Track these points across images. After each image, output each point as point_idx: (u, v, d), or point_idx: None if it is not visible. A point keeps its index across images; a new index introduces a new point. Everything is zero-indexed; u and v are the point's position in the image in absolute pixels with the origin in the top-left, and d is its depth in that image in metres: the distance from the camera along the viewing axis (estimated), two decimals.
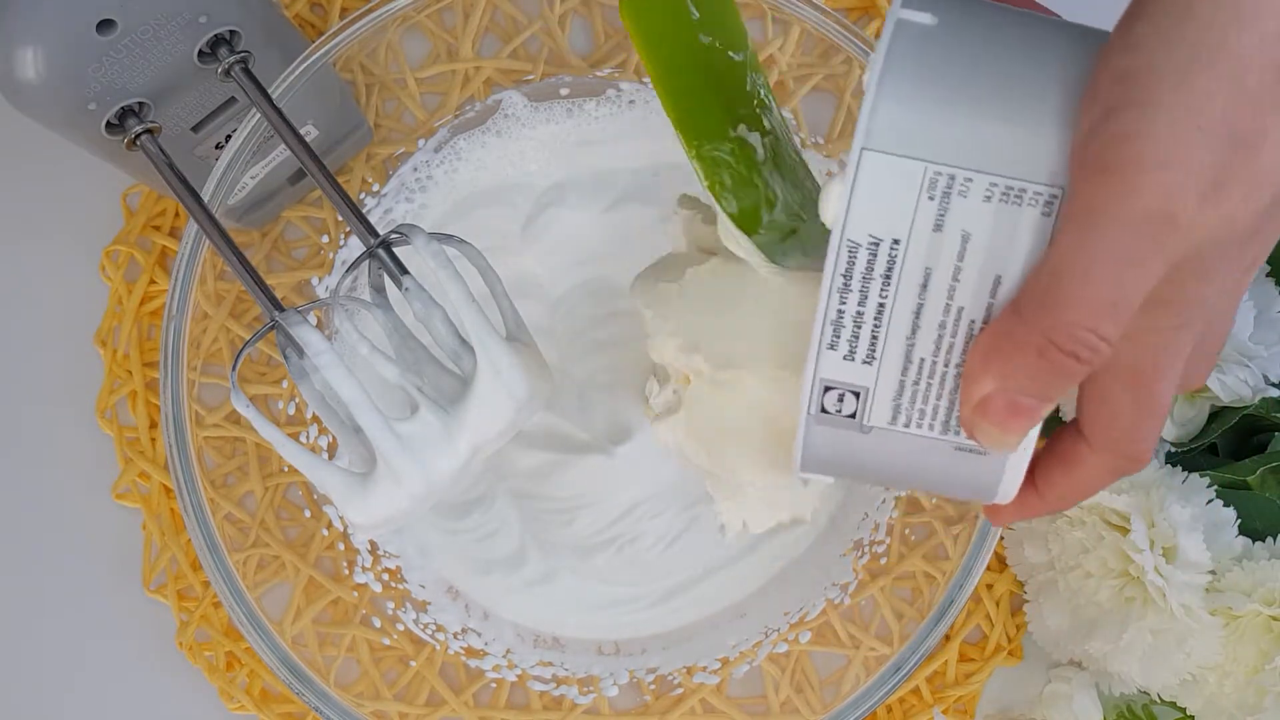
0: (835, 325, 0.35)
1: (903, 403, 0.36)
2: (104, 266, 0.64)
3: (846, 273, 0.35)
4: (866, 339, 0.35)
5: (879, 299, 0.35)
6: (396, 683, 0.60)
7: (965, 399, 0.35)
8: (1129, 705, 0.60)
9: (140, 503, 0.63)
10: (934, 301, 0.35)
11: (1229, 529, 0.57)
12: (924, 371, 0.36)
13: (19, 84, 0.45)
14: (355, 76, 0.61)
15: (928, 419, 0.37)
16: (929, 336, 0.35)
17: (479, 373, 0.45)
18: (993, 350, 0.34)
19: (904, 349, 0.35)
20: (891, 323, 0.35)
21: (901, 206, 0.34)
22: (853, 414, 0.37)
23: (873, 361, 0.36)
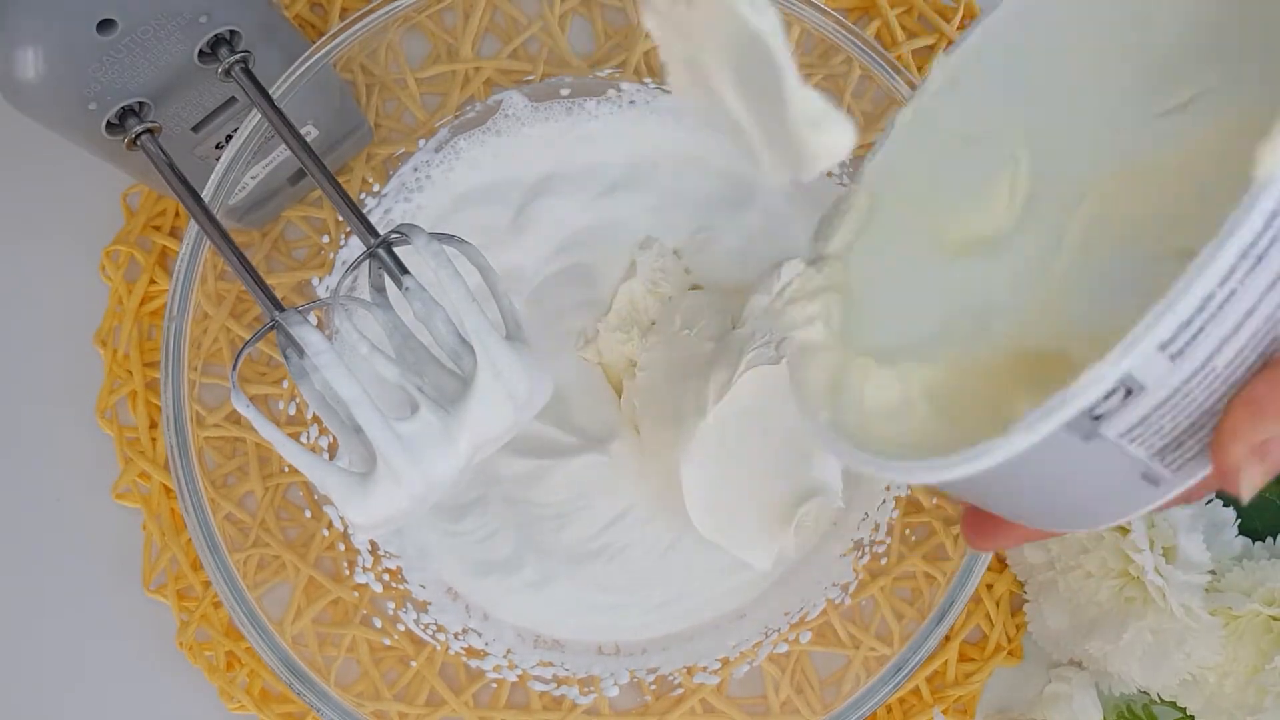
0: (1201, 304, 0.27)
1: (1157, 413, 0.29)
2: (104, 266, 0.64)
3: (1245, 246, 0.26)
4: (1194, 329, 0.27)
5: (1235, 285, 0.27)
6: (397, 683, 0.60)
7: (1242, 433, 0.29)
8: (1129, 705, 0.60)
9: (140, 503, 0.63)
10: (1269, 303, 0.27)
11: (1229, 529, 0.57)
12: (1203, 382, 0.28)
13: (19, 84, 0.45)
14: (355, 77, 0.61)
15: (1159, 437, 0.30)
16: (1238, 344, 0.28)
17: (479, 373, 0.45)
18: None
19: (1209, 352, 0.28)
20: (1222, 316, 0.27)
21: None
22: (1100, 416, 0.28)
23: (1178, 358, 0.27)
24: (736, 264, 0.62)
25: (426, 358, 0.48)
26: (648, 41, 0.63)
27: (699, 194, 0.63)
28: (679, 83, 0.33)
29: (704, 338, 0.58)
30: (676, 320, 0.60)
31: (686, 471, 0.56)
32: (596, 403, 0.62)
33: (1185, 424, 0.30)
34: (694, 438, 0.56)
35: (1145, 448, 0.30)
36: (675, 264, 0.62)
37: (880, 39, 0.65)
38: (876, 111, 0.61)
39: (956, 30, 0.64)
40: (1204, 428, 0.30)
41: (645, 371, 0.60)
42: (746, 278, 0.62)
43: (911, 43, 0.64)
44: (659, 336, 0.60)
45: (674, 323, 0.60)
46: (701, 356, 0.58)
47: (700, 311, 0.60)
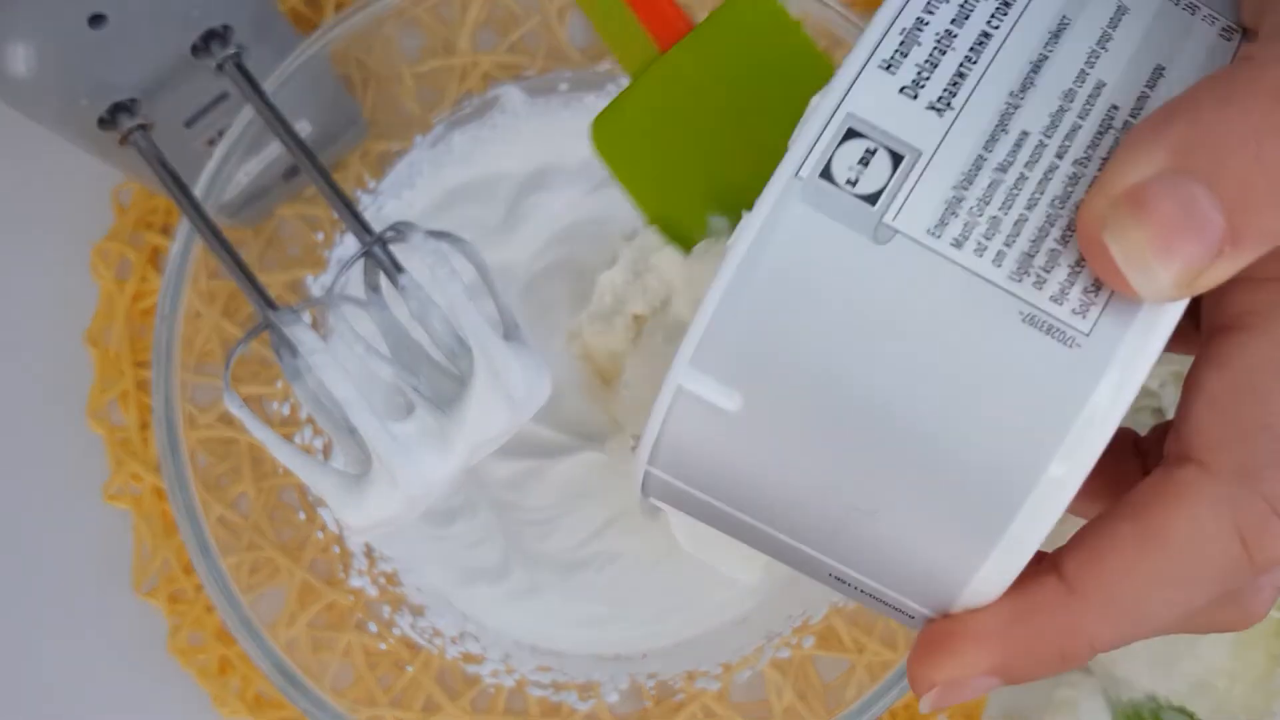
0: (906, 35, 0.23)
1: (968, 197, 0.23)
2: (95, 264, 0.64)
3: None
4: (948, 71, 0.23)
5: (984, 25, 0.23)
6: (392, 688, 0.60)
7: (1107, 186, 0.22)
8: (1137, 710, 0.60)
9: (131, 504, 0.63)
10: (1065, 59, 0.24)
11: None
12: (1021, 152, 0.23)
13: (9, 79, 0.45)
14: (350, 71, 0.61)
15: (997, 241, 0.23)
16: (1044, 102, 0.23)
17: (476, 373, 0.44)
18: (1178, 116, 0.22)
19: (999, 108, 0.23)
20: (994, 63, 0.23)
21: None
22: (874, 194, 0.22)
23: (944, 110, 0.23)
24: None
25: (422, 357, 0.47)
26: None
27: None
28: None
29: None
30: (659, 335, 0.59)
31: None
32: (589, 399, 0.62)
33: (1038, 220, 0.23)
34: None
35: (990, 259, 0.22)
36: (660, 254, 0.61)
37: None
38: None
39: None
40: (1069, 225, 0.23)
41: (628, 389, 0.60)
42: None
43: None
44: (643, 353, 0.60)
45: (657, 338, 0.59)
46: None
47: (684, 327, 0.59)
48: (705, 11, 0.37)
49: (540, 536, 0.61)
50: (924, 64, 0.23)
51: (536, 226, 0.62)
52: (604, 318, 0.60)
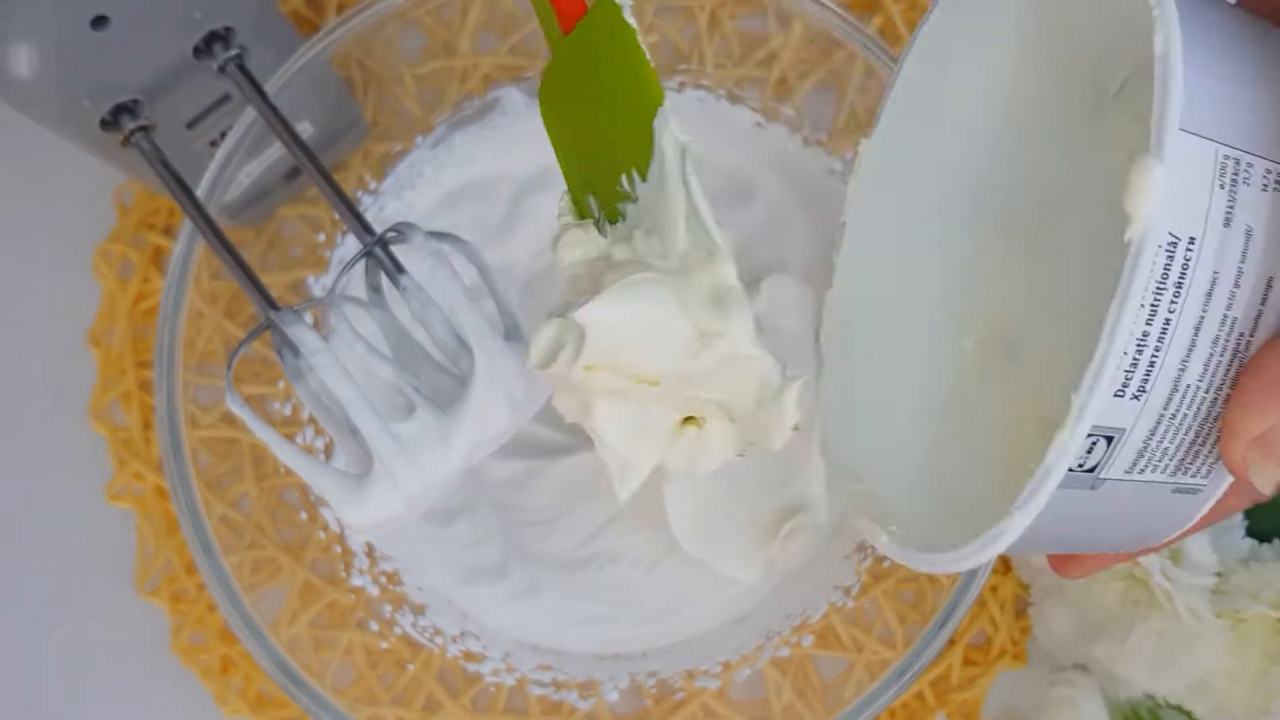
0: (1133, 348, 0.28)
1: (1151, 443, 0.30)
2: (97, 265, 0.64)
3: (1154, 285, 0.28)
4: (1144, 367, 0.29)
5: (1166, 315, 0.28)
6: (393, 686, 0.60)
7: (1237, 432, 0.30)
8: (1135, 709, 0.60)
9: (134, 504, 0.63)
10: (1214, 313, 0.29)
11: (1235, 531, 0.56)
12: (1185, 401, 0.30)
13: (12, 80, 0.45)
14: (352, 73, 0.61)
15: (1166, 459, 0.31)
16: (1200, 358, 0.29)
17: (476, 373, 0.45)
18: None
19: (1174, 376, 0.29)
20: (1173, 343, 0.29)
21: (1198, 197, 0.28)
22: (1094, 467, 0.30)
23: (1141, 396, 0.29)
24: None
25: (423, 358, 0.47)
26: (648, 37, 0.62)
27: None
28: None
29: None
30: None
31: (670, 490, 0.56)
32: None
33: (1189, 439, 0.31)
34: None
35: (1160, 472, 0.31)
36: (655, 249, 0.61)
37: (883, 33, 0.64)
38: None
39: None
40: (1212, 432, 0.31)
41: None
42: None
43: None
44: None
45: None
46: None
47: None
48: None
49: (540, 536, 0.61)
50: (1130, 368, 0.29)
51: (536, 227, 0.62)
52: None
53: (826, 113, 0.62)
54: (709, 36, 0.62)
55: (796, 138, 0.62)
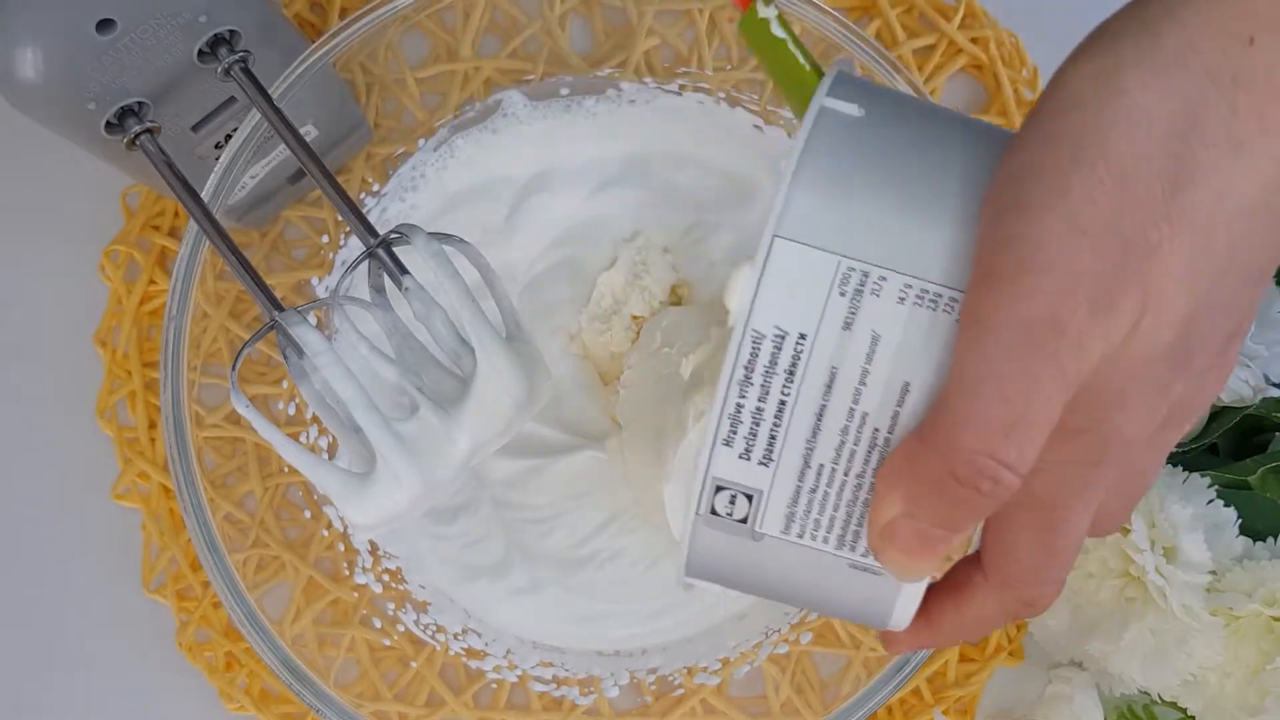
0: (733, 420, 0.33)
1: (797, 510, 0.34)
2: (103, 266, 0.64)
3: (749, 365, 0.32)
4: (764, 438, 0.33)
5: (780, 396, 0.33)
6: (396, 683, 0.60)
7: (873, 520, 0.33)
8: (1130, 706, 0.60)
9: (140, 503, 0.63)
10: (838, 404, 0.33)
11: (1230, 529, 0.56)
12: (822, 479, 0.33)
13: (18, 84, 0.45)
14: (355, 76, 0.61)
15: (823, 530, 0.34)
16: (830, 442, 0.33)
17: (479, 373, 0.45)
18: (898, 473, 0.32)
19: (803, 452, 0.33)
20: (792, 423, 0.33)
21: (811, 300, 0.32)
22: (744, 519, 0.34)
23: (769, 463, 0.33)
24: (729, 264, 0.62)
25: (426, 358, 0.48)
26: (648, 40, 0.63)
27: (696, 192, 0.63)
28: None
29: (685, 355, 0.58)
30: (657, 338, 0.60)
31: (669, 489, 0.56)
32: (589, 399, 0.62)
33: (841, 517, 0.34)
34: (675, 456, 0.56)
35: (822, 542, 0.35)
36: (659, 257, 0.62)
37: (881, 39, 0.65)
38: None
39: (957, 29, 0.64)
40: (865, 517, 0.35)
41: (627, 389, 0.60)
42: None
43: (912, 42, 0.64)
44: (641, 354, 0.60)
45: (655, 341, 0.60)
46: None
47: (681, 329, 0.59)
48: None
49: (541, 534, 0.61)
50: (748, 436, 0.33)
51: (537, 229, 0.62)
52: (603, 318, 0.61)
53: None
54: (708, 40, 0.63)
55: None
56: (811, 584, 0.36)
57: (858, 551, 0.34)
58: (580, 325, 0.61)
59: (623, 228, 0.62)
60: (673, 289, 0.62)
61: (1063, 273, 0.29)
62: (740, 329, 0.32)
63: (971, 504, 0.31)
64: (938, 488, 0.31)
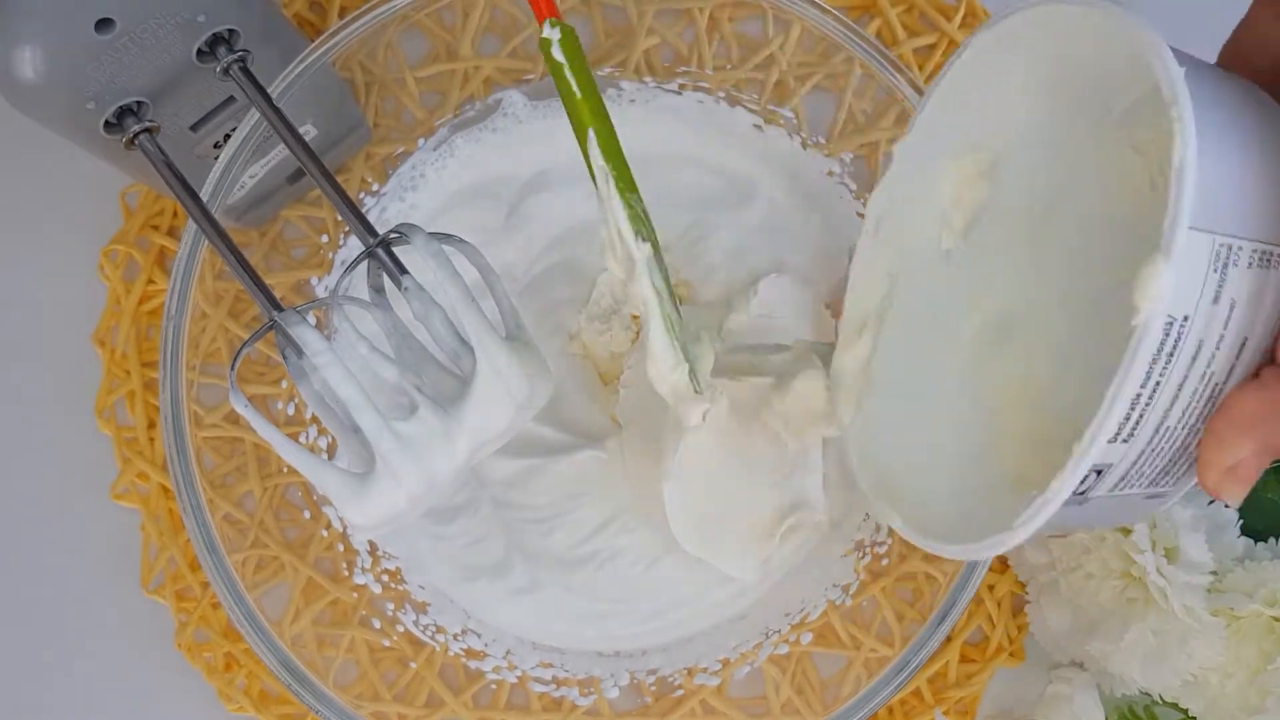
0: (1125, 414, 0.33)
1: (1132, 472, 0.35)
2: (102, 266, 0.64)
3: (1148, 368, 0.32)
4: (1133, 419, 0.33)
5: (1157, 378, 0.33)
6: (396, 684, 0.60)
7: (1214, 462, 0.35)
8: (1130, 706, 0.60)
9: (138, 503, 0.63)
10: (1197, 372, 0.33)
11: (1231, 530, 0.57)
12: (1163, 438, 0.34)
13: (17, 83, 0.45)
14: (354, 75, 0.61)
15: (1144, 481, 0.35)
16: (1181, 406, 0.34)
17: (478, 373, 0.45)
18: (1251, 420, 0.34)
19: (1158, 422, 0.34)
20: (1157, 399, 0.33)
21: (1193, 282, 0.32)
22: (1084, 492, 0.35)
23: (1130, 440, 0.34)
24: (729, 263, 0.62)
25: (425, 358, 0.48)
26: (648, 40, 0.63)
27: (696, 191, 0.63)
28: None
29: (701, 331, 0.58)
30: None
31: (669, 489, 0.56)
32: (589, 399, 0.62)
33: (1165, 463, 0.35)
34: (675, 457, 0.56)
35: (1137, 489, 0.36)
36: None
37: (881, 37, 0.65)
38: (877, 110, 0.61)
39: (959, 30, 0.64)
40: (1185, 451, 0.36)
41: (627, 389, 0.60)
42: (736, 278, 0.61)
43: (912, 41, 0.64)
44: (641, 354, 0.60)
45: None
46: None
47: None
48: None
49: (541, 534, 0.61)
50: (1122, 421, 0.33)
51: (537, 228, 0.62)
52: (603, 318, 0.61)
53: (825, 115, 0.62)
54: (708, 39, 0.63)
55: (795, 140, 0.62)
56: (1101, 519, 0.37)
57: (1160, 485, 0.36)
58: (580, 325, 0.61)
59: None
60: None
61: None
62: (1153, 331, 0.32)
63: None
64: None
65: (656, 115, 0.63)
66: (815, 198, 0.62)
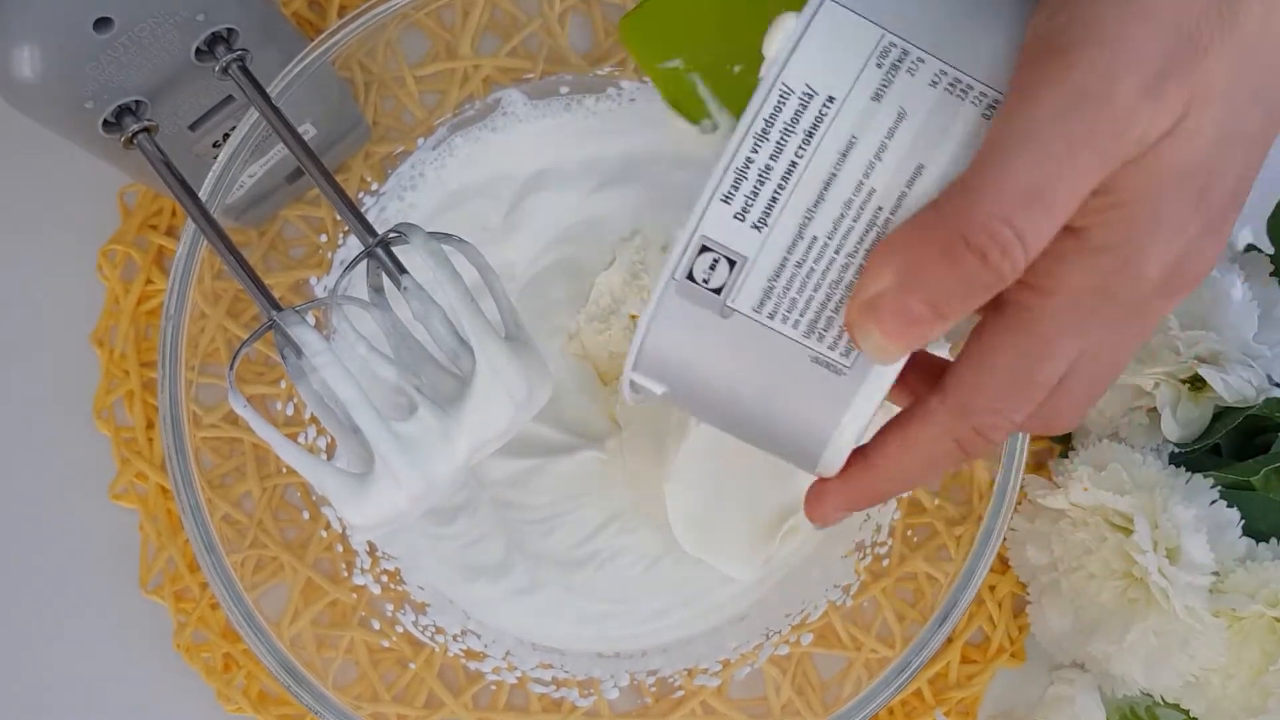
0: (738, 175, 0.32)
1: (777, 286, 0.32)
2: (101, 266, 0.64)
3: (770, 118, 0.32)
4: (765, 199, 0.32)
5: (792, 157, 0.32)
6: (395, 684, 0.60)
7: (858, 293, 0.32)
8: (1132, 707, 0.60)
9: (137, 503, 0.63)
10: (848, 175, 0.32)
11: (1232, 530, 0.56)
12: (811, 253, 0.32)
13: (16, 82, 0.45)
14: (354, 75, 0.61)
15: (796, 313, 0.33)
16: (830, 214, 0.32)
17: (478, 373, 0.45)
18: (898, 244, 0.31)
19: (800, 221, 0.32)
20: (798, 187, 0.32)
21: (847, 65, 0.32)
22: (719, 288, 0.33)
23: (762, 228, 0.32)
24: None
25: (425, 357, 0.47)
26: None
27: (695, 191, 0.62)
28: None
29: None
30: None
31: (670, 490, 0.56)
32: (588, 399, 0.62)
33: (819, 298, 0.33)
34: (676, 458, 0.55)
35: (791, 326, 0.33)
36: (658, 256, 0.62)
37: None
38: None
39: None
40: (844, 301, 0.33)
41: None
42: None
43: None
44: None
45: None
46: None
47: None
48: None
49: (541, 535, 0.61)
50: (749, 195, 0.32)
51: (537, 228, 0.62)
52: (602, 318, 0.61)
53: None
54: None
55: None
56: (763, 379, 0.34)
57: (825, 342, 0.33)
58: (579, 325, 0.61)
59: (622, 227, 0.62)
60: None
61: (1118, 49, 0.29)
62: (770, 79, 0.32)
63: (971, 278, 0.30)
64: (942, 256, 0.30)
65: (656, 114, 0.62)
66: None
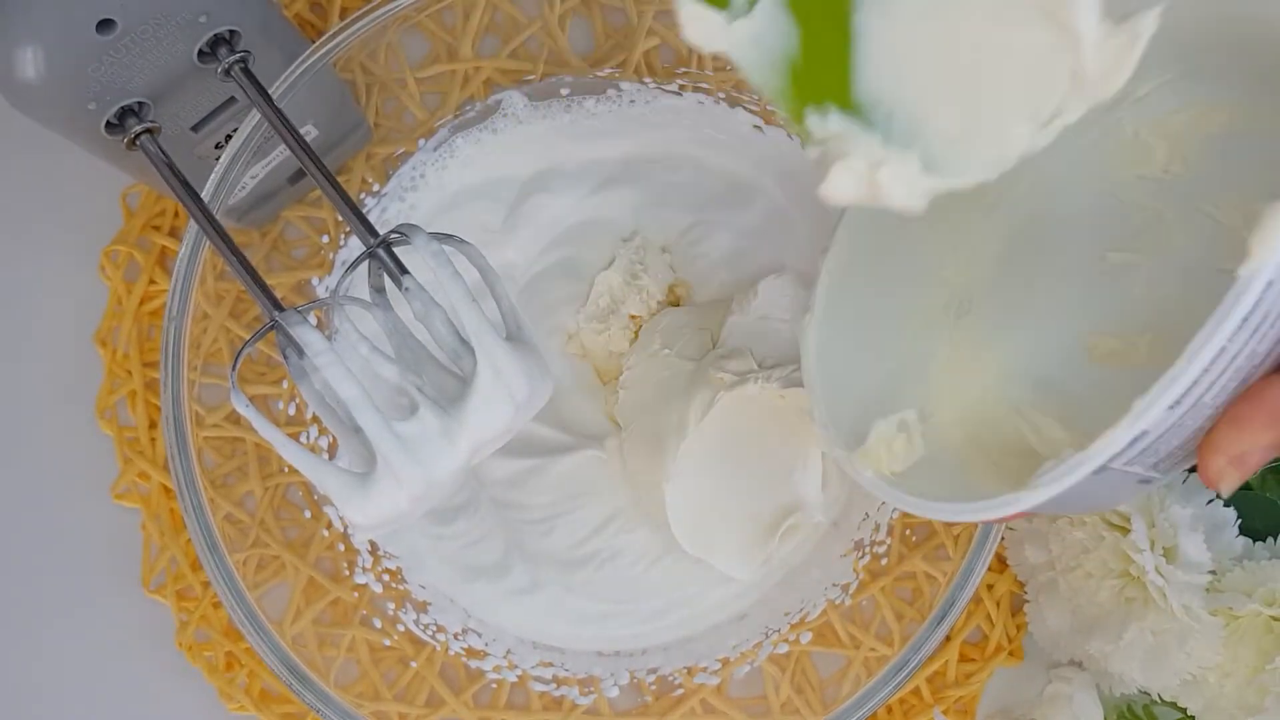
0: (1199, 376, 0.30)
1: (1152, 445, 0.32)
2: (103, 266, 0.64)
3: (1245, 318, 0.30)
4: (1204, 383, 0.31)
5: (1242, 343, 0.30)
6: (396, 683, 0.60)
7: (1225, 448, 0.33)
8: (1129, 706, 0.60)
9: (140, 503, 0.63)
10: (1250, 347, 0.31)
11: (1229, 529, 0.57)
12: (1195, 412, 0.32)
13: (19, 84, 0.45)
14: (355, 76, 0.61)
15: (1152, 458, 0.33)
16: (1223, 380, 0.31)
17: (479, 373, 0.45)
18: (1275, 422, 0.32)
19: (1201, 393, 0.31)
20: (1223, 366, 0.31)
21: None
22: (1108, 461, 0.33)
23: (1176, 407, 0.31)
24: (727, 265, 0.62)
25: (426, 358, 0.47)
26: (648, 40, 0.63)
27: (695, 192, 0.63)
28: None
29: (684, 357, 0.59)
30: (656, 340, 0.60)
31: (669, 490, 0.56)
32: (588, 399, 0.62)
33: (1180, 443, 0.33)
34: (675, 457, 0.56)
35: (1143, 466, 0.33)
36: (657, 257, 0.62)
37: None
38: None
39: None
40: (1198, 435, 0.33)
41: (626, 390, 0.60)
42: (736, 279, 0.61)
43: None
44: (639, 356, 0.60)
45: (654, 342, 0.60)
46: (681, 376, 0.58)
47: (680, 331, 0.60)
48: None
49: (541, 534, 0.61)
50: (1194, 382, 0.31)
51: (537, 229, 0.62)
52: (601, 318, 0.61)
53: None
54: None
55: (795, 140, 0.62)
56: (1091, 499, 0.35)
57: (1158, 469, 0.34)
58: (578, 325, 0.62)
59: (622, 227, 0.63)
60: (670, 289, 0.62)
61: None
62: (1260, 277, 0.29)
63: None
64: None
65: (656, 116, 0.63)
66: (814, 198, 0.62)
